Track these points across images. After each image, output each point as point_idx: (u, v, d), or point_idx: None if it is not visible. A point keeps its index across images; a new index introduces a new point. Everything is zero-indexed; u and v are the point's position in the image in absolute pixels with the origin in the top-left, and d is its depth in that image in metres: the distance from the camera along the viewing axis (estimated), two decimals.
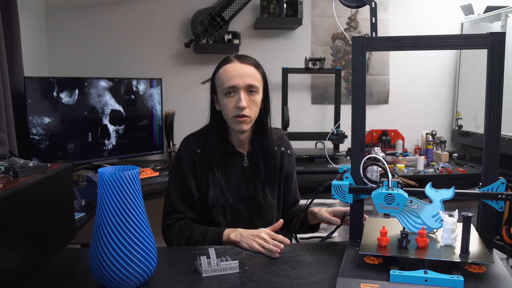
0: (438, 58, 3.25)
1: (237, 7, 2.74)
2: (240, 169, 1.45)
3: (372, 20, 1.10)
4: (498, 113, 1.04)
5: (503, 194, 1.05)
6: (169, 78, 3.03)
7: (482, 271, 0.96)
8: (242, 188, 1.45)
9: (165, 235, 1.42)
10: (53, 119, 2.37)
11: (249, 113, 1.36)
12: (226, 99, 1.36)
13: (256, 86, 1.37)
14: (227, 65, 1.38)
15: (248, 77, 1.36)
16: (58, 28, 2.91)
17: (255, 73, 1.38)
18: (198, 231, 1.35)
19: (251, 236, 1.25)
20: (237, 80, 1.34)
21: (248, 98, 1.36)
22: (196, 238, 1.34)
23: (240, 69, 1.36)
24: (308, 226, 1.48)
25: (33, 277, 1.02)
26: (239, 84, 1.34)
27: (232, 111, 1.36)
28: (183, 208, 1.41)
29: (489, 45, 1.03)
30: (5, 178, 1.01)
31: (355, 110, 1.11)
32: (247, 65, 1.38)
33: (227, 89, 1.35)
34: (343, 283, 0.93)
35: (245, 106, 1.34)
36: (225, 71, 1.37)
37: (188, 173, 1.42)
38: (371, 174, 1.14)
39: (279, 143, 1.52)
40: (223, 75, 1.37)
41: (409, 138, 3.26)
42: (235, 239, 1.26)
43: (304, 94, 3.21)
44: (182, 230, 1.37)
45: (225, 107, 1.37)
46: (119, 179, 0.93)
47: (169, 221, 1.41)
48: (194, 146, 1.44)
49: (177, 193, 1.42)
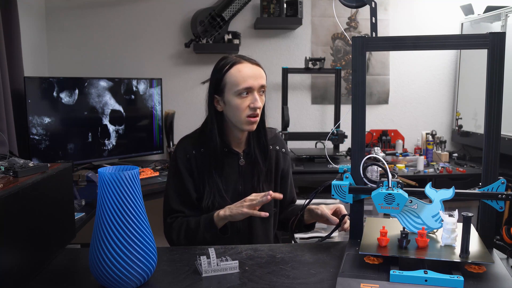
0: (438, 58, 3.25)
1: (237, 7, 2.74)
2: (236, 168, 1.46)
3: (372, 20, 1.10)
4: (498, 113, 1.04)
5: (503, 194, 1.05)
6: (169, 78, 3.03)
7: (482, 271, 0.96)
8: (239, 187, 1.46)
9: (166, 235, 1.44)
10: (53, 119, 2.36)
11: (260, 113, 1.40)
12: (240, 100, 1.36)
13: (265, 87, 1.42)
14: (238, 66, 1.37)
15: (261, 78, 1.39)
16: (58, 28, 2.91)
17: (263, 73, 1.41)
18: (193, 220, 1.38)
19: (238, 205, 1.31)
20: (252, 81, 1.36)
21: (260, 99, 1.39)
22: (192, 227, 1.36)
23: (253, 69, 1.38)
24: (304, 225, 1.48)
25: (33, 277, 1.02)
26: (254, 85, 1.36)
27: (245, 111, 1.37)
28: (182, 208, 1.43)
29: (489, 45, 1.03)
30: (5, 178, 1.01)
31: (355, 110, 1.11)
32: (256, 66, 1.40)
33: (242, 90, 1.35)
34: (343, 283, 0.93)
35: (261, 106, 1.38)
36: (239, 71, 1.36)
37: (185, 174, 1.42)
38: (371, 174, 1.14)
39: (273, 141, 1.54)
40: (237, 76, 1.36)
41: (409, 138, 3.26)
42: (225, 214, 1.32)
43: (304, 94, 3.21)
44: (179, 225, 1.40)
45: (238, 108, 1.37)
46: (119, 179, 0.93)
47: (169, 219, 1.42)
48: (189, 148, 1.45)
49: (175, 195, 1.43)
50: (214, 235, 1.34)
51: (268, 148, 1.48)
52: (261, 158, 1.47)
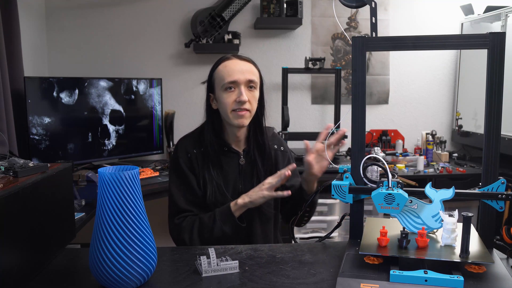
0: (438, 58, 3.25)
1: (237, 7, 2.74)
2: (236, 167, 1.46)
3: (372, 20, 1.10)
4: (498, 113, 1.04)
5: (503, 194, 1.05)
6: (169, 78, 3.03)
7: (482, 271, 0.96)
8: (239, 186, 1.45)
9: (174, 234, 1.40)
10: (53, 119, 2.37)
11: (249, 107, 1.38)
12: (226, 94, 1.37)
13: (255, 82, 1.40)
14: (226, 62, 1.40)
15: (248, 73, 1.38)
16: (58, 28, 2.91)
17: (254, 69, 1.41)
18: (206, 217, 1.37)
19: (256, 190, 1.34)
20: (237, 75, 1.36)
21: (248, 93, 1.38)
22: (206, 223, 1.35)
23: (240, 65, 1.39)
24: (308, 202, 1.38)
25: (33, 277, 1.02)
26: (240, 79, 1.36)
27: (231, 105, 1.37)
28: (190, 207, 1.41)
29: (489, 45, 1.03)
30: (5, 178, 1.01)
31: (355, 110, 1.11)
32: (245, 61, 1.41)
33: (227, 84, 1.36)
34: (343, 283, 0.93)
35: (246, 99, 1.36)
36: (225, 67, 1.39)
37: (188, 172, 1.42)
38: (371, 174, 1.13)
39: (271, 141, 1.53)
40: (223, 71, 1.38)
41: (409, 138, 3.26)
42: (244, 201, 1.33)
43: (304, 94, 3.21)
44: (190, 223, 1.37)
45: (224, 102, 1.37)
46: (119, 179, 0.93)
47: (177, 220, 1.39)
48: (190, 147, 1.45)
49: (180, 194, 1.42)
50: (234, 227, 1.33)
51: (266, 148, 1.48)
52: (260, 158, 1.47)
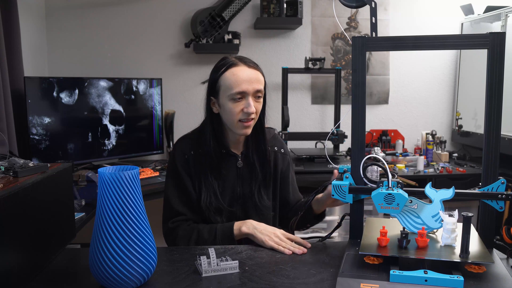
0: (438, 58, 3.25)
1: (237, 7, 2.74)
2: (234, 170, 1.45)
3: (372, 20, 1.10)
4: (498, 113, 1.04)
5: (503, 194, 1.05)
6: (169, 78, 3.03)
7: (482, 271, 0.96)
8: (237, 189, 1.44)
9: (169, 240, 1.40)
10: (53, 119, 2.36)
11: (255, 117, 1.37)
12: (233, 104, 1.34)
13: (262, 91, 1.37)
14: (234, 69, 1.34)
15: (257, 83, 1.35)
16: (58, 28, 2.91)
17: (261, 78, 1.37)
18: (205, 230, 1.34)
19: (266, 232, 1.26)
20: (246, 85, 1.32)
21: (255, 103, 1.35)
22: (205, 239, 1.32)
23: (248, 73, 1.34)
24: (315, 216, 1.45)
25: (33, 277, 1.02)
26: (248, 90, 1.33)
27: (238, 115, 1.34)
28: (184, 210, 1.40)
29: (489, 45, 1.03)
30: (5, 178, 1.01)
31: (355, 110, 1.11)
32: (253, 69, 1.36)
33: (235, 94, 1.32)
34: (343, 283, 0.93)
35: (254, 111, 1.34)
36: (233, 75, 1.33)
37: (184, 175, 1.41)
38: (371, 174, 1.14)
39: (272, 142, 1.52)
40: (231, 79, 1.33)
41: (409, 138, 3.26)
42: (248, 232, 1.28)
43: (304, 94, 3.21)
44: (188, 233, 1.35)
45: (231, 112, 1.34)
46: (119, 179, 0.93)
47: (171, 224, 1.38)
48: (187, 148, 1.43)
49: (176, 196, 1.41)
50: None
51: (267, 153, 1.46)
52: (259, 162, 1.46)
